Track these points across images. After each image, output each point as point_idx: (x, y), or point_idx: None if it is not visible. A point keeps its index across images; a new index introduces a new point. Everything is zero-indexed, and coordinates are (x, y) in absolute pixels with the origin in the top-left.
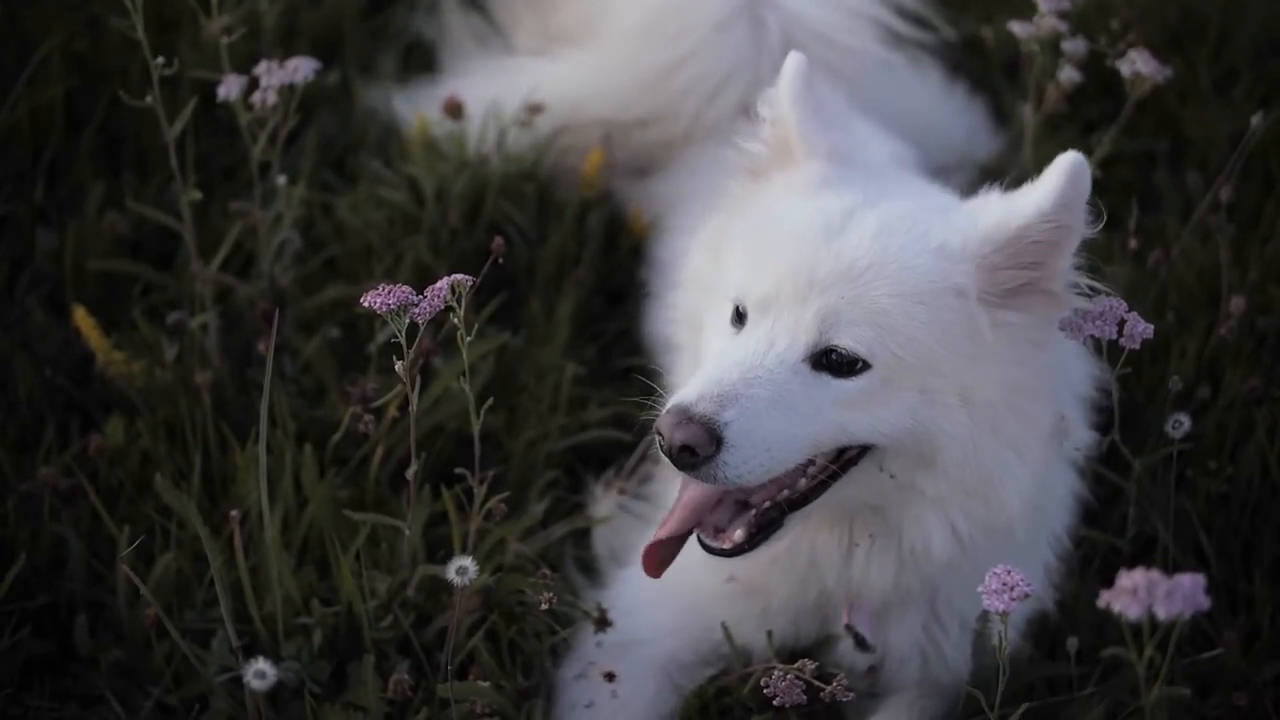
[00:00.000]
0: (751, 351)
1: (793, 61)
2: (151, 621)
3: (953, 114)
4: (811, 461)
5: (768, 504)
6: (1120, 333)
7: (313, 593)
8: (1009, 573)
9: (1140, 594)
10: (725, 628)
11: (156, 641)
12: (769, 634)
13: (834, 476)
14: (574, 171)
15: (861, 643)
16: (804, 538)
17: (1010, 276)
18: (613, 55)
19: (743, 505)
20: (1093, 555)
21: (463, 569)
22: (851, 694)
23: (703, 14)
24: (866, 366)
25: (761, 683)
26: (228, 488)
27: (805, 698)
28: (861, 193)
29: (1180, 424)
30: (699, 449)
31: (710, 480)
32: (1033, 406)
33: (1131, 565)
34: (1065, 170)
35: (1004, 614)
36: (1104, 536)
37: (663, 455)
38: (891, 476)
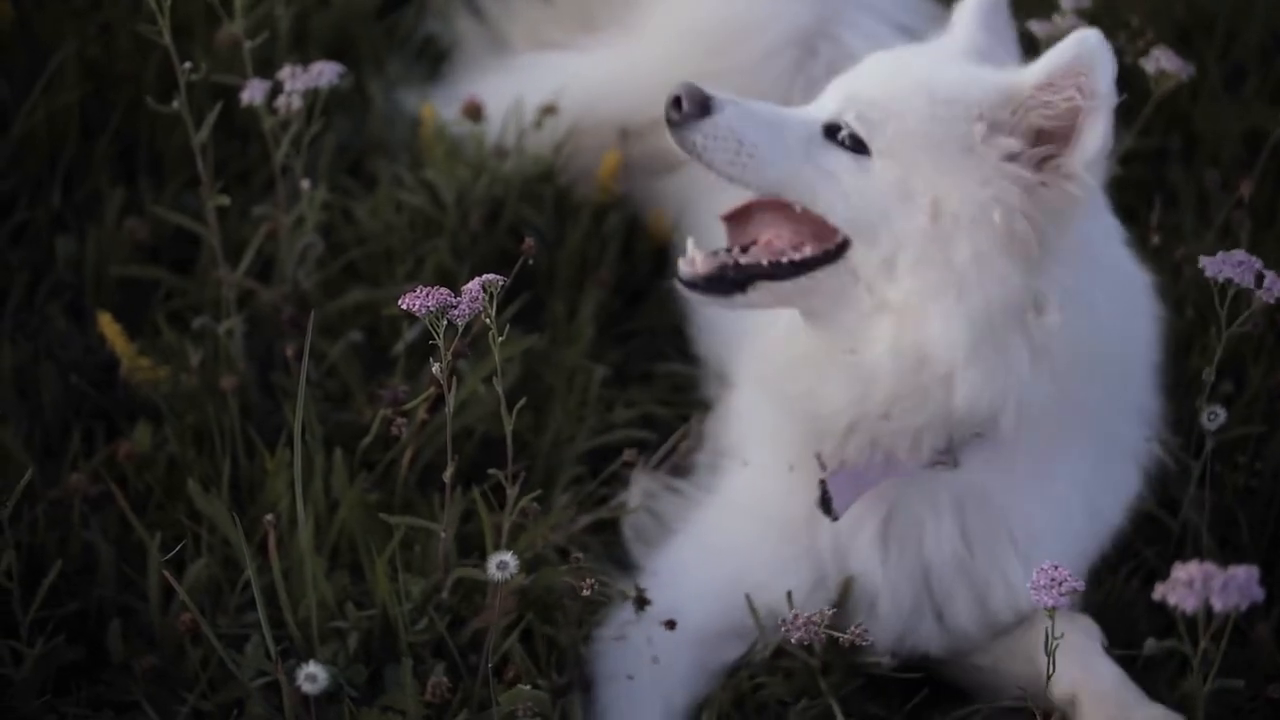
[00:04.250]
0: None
1: None
2: (186, 627)
3: None
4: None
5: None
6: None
7: (346, 596)
8: (1055, 568)
9: (1196, 586)
10: (749, 601)
11: (191, 647)
12: (788, 594)
13: (817, 264)
14: (590, 174)
15: (826, 505)
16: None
17: (1011, 144)
18: (646, 52)
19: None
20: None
21: (503, 564)
22: (870, 640)
23: (761, 31)
24: (865, 152)
25: (780, 626)
26: (255, 493)
27: (823, 638)
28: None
29: (1216, 416)
30: (687, 101)
31: (680, 141)
32: (998, 262)
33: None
34: (1073, 44)
35: (1051, 610)
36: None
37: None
38: (868, 291)
